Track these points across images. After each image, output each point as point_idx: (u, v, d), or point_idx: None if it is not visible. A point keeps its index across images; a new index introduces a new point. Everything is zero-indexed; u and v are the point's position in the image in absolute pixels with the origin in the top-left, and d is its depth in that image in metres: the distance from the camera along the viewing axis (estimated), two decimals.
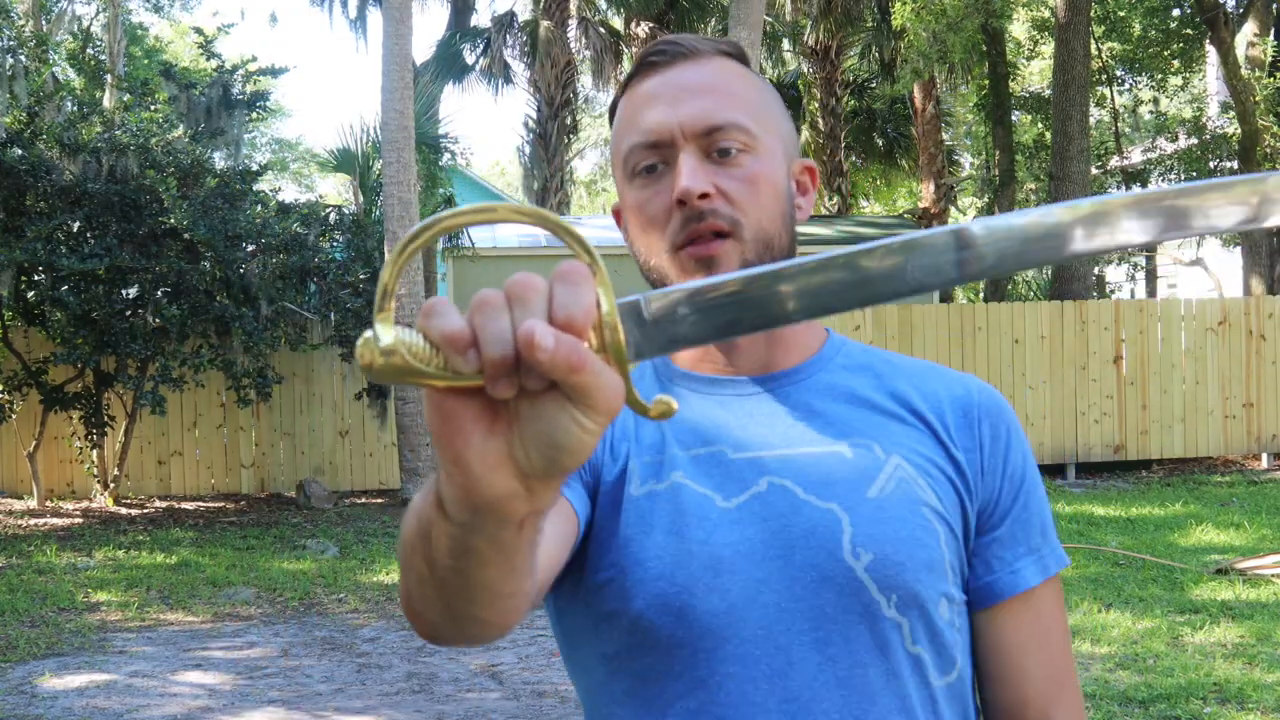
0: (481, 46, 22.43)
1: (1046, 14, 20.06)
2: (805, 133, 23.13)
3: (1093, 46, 18.63)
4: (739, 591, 1.14)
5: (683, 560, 1.14)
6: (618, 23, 23.30)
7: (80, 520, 11.29)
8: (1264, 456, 13.76)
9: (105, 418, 11.67)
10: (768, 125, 1.23)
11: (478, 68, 22.42)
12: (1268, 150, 17.47)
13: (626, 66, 24.03)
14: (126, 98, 12.64)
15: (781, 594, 1.14)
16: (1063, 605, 1.27)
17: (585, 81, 24.76)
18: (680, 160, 1.18)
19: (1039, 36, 21.73)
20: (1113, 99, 22.24)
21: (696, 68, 1.23)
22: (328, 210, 12.69)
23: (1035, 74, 23.50)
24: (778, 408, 1.22)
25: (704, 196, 1.16)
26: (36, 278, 11.36)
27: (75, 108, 12.17)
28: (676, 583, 1.14)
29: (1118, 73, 22.61)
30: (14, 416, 11.92)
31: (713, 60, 1.24)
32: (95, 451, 11.93)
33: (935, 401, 1.25)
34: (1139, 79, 22.84)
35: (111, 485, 12.06)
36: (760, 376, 1.25)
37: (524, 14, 22.94)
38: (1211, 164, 21.28)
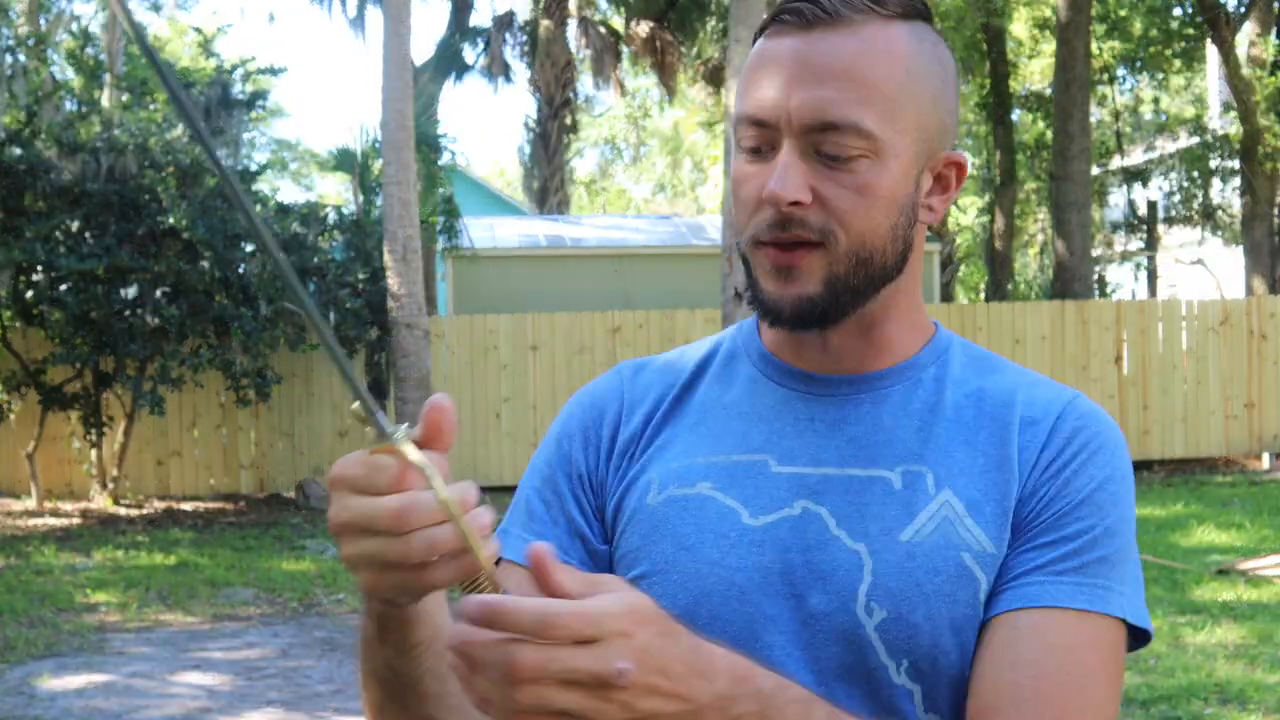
0: (481, 46, 22.43)
1: (1047, 13, 20.06)
2: None
3: (1094, 45, 18.62)
4: (743, 625, 1.03)
5: (688, 580, 1.05)
6: (618, 23, 23.29)
7: (79, 520, 11.27)
8: (1265, 456, 13.74)
9: (104, 418, 11.66)
10: (903, 120, 1.04)
11: (478, 67, 22.42)
12: (1268, 150, 17.46)
13: (627, 66, 24.09)
14: (125, 97, 12.63)
15: (788, 638, 1.03)
16: (1101, 660, 1.01)
17: (585, 81, 24.75)
18: (780, 155, 1.03)
19: (1040, 35, 21.73)
20: (1114, 98, 22.23)
21: (835, 39, 1.03)
22: (327, 210, 12.68)
23: (1036, 73, 23.48)
24: (844, 416, 1.09)
25: (795, 204, 1.02)
26: (35, 278, 11.35)
27: (74, 107, 12.16)
28: (677, 604, 1.03)
29: (1119, 72, 22.60)
30: (13, 416, 11.90)
31: (863, 29, 1.03)
32: (94, 452, 11.91)
33: (1025, 419, 1.07)
34: (1140, 78, 22.84)
35: (110, 485, 12.04)
36: (842, 377, 1.11)
37: (524, 14, 22.93)
38: (1212, 163, 21.26)
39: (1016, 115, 21.47)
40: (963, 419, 1.09)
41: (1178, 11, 20.76)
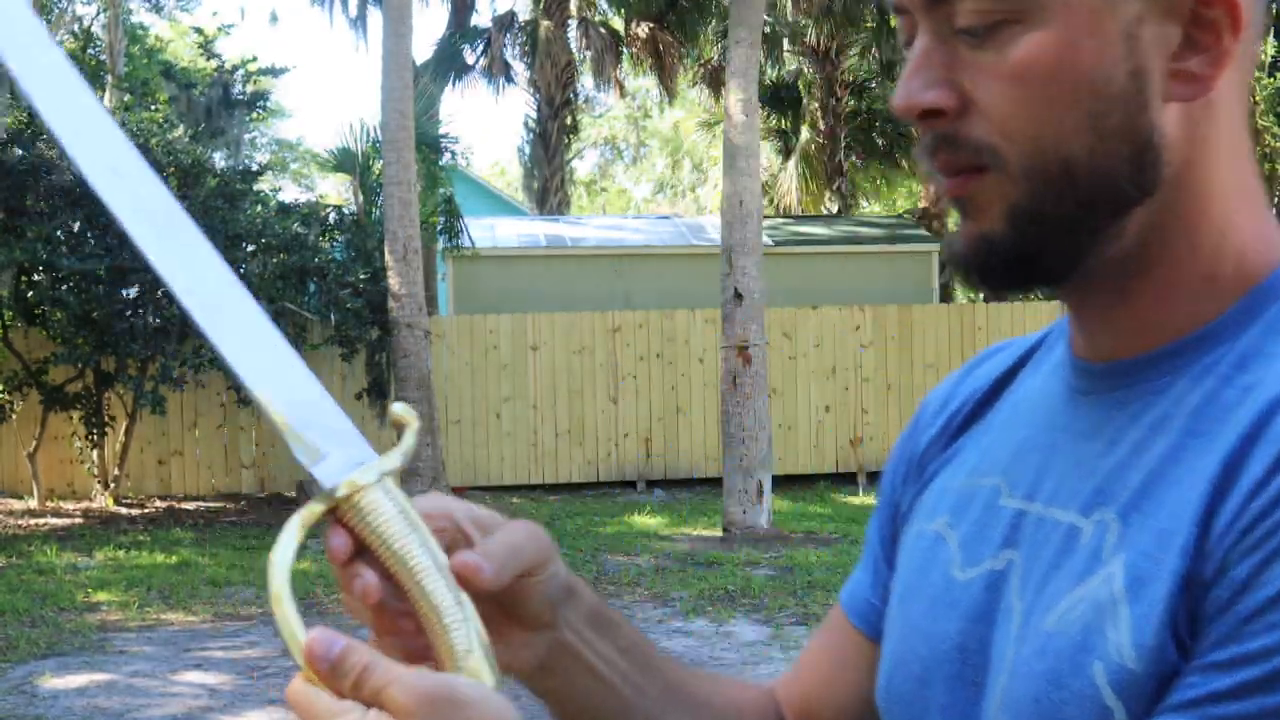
0: (481, 46, 22.44)
1: None
2: (805, 132, 23.15)
3: None
4: (915, 715, 0.82)
5: (893, 646, 0.85)
6: (618, 23, 23.30)
7: (80, 520, 11.29)
8: None
9: (105, 418, 11.68)
10: None
11: (478, 67, 22.43)
12: (1267, 150, 17.47)
13: (627, 67, 24.10)
14: (127, 98, 12.65)
15: None
16: None
17: (585, 81, 24.75)
18: (913, 46, 0.72)
19: None
20: None
21: None
22: (328, 210, 12.70)
23: None
24: (1094, 425, 0.75)
25: (931, 114, 0.71)
26: (37, 278, 11.37)
27: None
28: (883, 676, 0.86)
29: None
30: (14, 416, 11.92)
31: None
32: (95, 451, 11.94)
33: (1248, 434, 0.66)
34: None
35: (112, 485, 12.06)
36: (1104, 365, 0.76)
37: (524, 14, 22.94)
38: None
39: None
40: (1214, 435, 0.68)
41: None
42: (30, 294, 11.52)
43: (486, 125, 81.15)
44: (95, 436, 11.72)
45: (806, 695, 0.98)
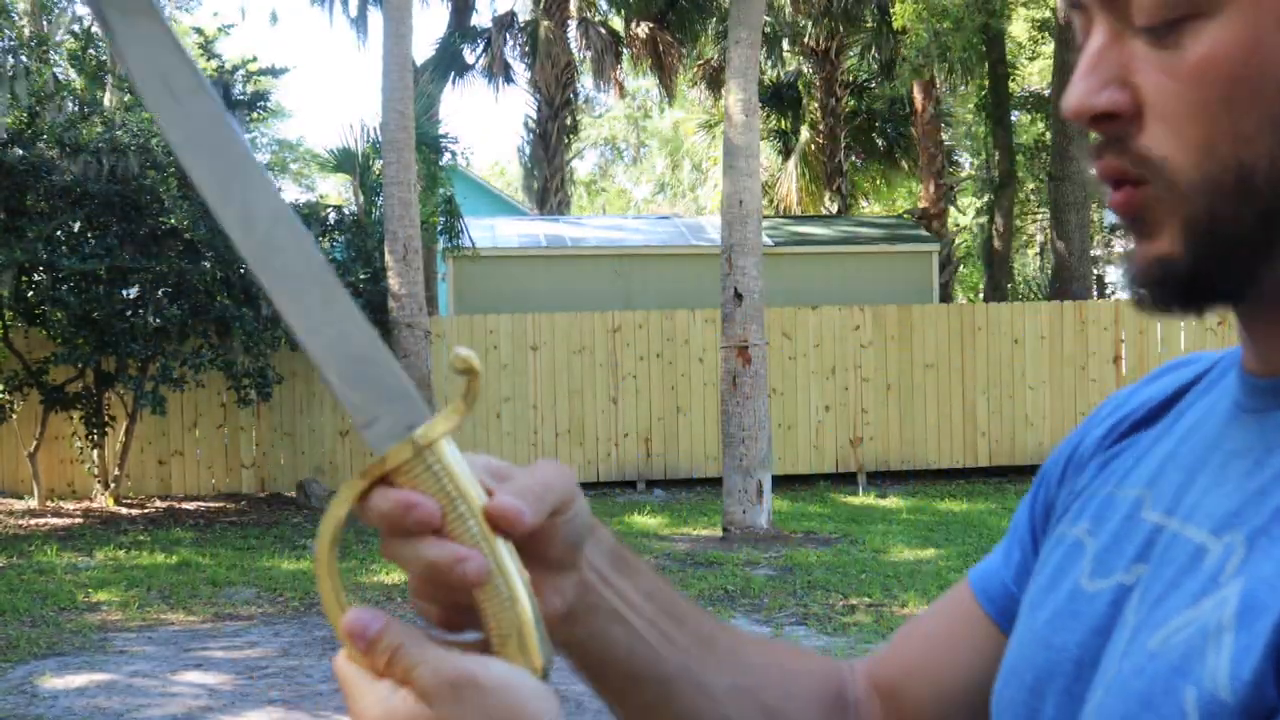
0: (481, 46, 22.45)
1: (1047, 14, 20.08)
2: (805, 132, 23.15)
3: None
4: None
5: (1015, 649, 0.82)
6: (618, 23, 23.31)
7: (81, 520, 11.29)
8: None
9: (106, 418, 11.68)
10: None
11: (478, 67, 22.43)
12: None
13: (627, 67, 24.12)
14: (127, 98, 12.65)
15: None
16: None
17: (585, 81, 24.77)
18: (1087, 44, 0.68)
19: (1039, 36, 21.75)
20: None
21: None
22: (328, 210, 12.70)
23: (1035, 74, 23.50)
24: (1249, 444, 0.72)
25: (1102, 119, 0.66)
26: (37, 278, 11.38)
27: (76, 108, 12.18)
28: (1002, 674, 0.83)
29: None
30: (14, 416, 11.93)
31: None
32: (96, 451, 11.94)
33: None
34: None
35: (112, 485, 12.07)
36: (1270, 382, 0.72)
37: (524, 14, 22.95)
38: None
39: (1016, 116, 21.50)
40: None
41: None
42: (30, 294, 11.52)
43: (486, 125, 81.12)
44: (95, 436, 11.72)
45: (907, 668, 0.94)
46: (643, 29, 22.01)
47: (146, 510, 11.93)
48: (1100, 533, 0.79)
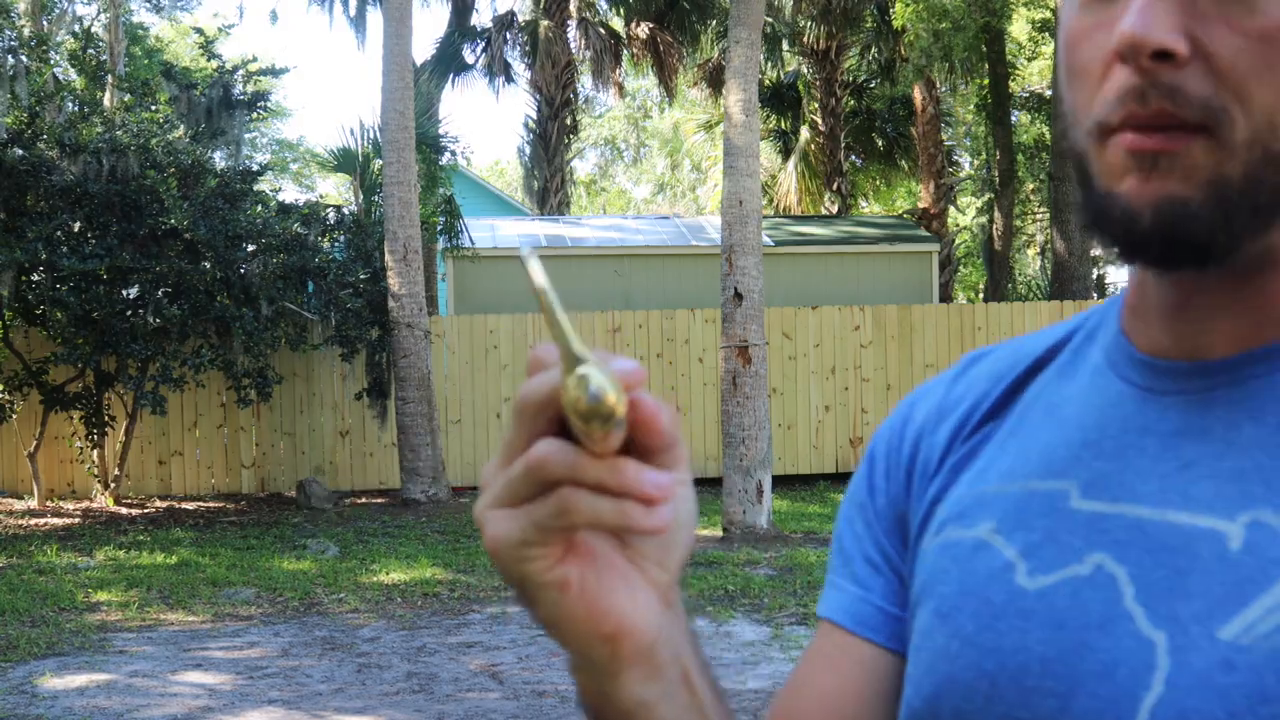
0: (481, 46, 22.45)
1: (1047, 14, 20.08)
2: (805, 132, 23.15)
3: None
4: None
5: (936, 661, 0.78)
6: (618, 23, 23.31)
7: (80, 520, 11.29)
8: None
9: (106, 418, 11.69)
10: None
11: (478, 67, 22.44)
12: None
13: (627, 67, 24.12)
14: (127, 98, 12.65)
15: None
16: None
17: (585, 81, 24.77)
18: None
19: (1039, 37, 21.75)
20: None
21: None
22: (328, 210, 12.70)
23: (1035, 74, 23.50)
24: (1186, 426, 0.73)
25: (1165, 57, 0.65)
26: (37, 278, 11.38)
27: (76, 108, 12.18)
28: (921, 694, 0.78)
29: None
30: (14, 416, 11.93)
31: None
32: (96, 451, 11.94)
33: None
34: None
35: (112, 485, 12.07)
36: (1194, 364, 0.73)
37: (524, 14, 22.95)
38: None
39: (1016, 116, 21.50)
40: None
41: None
42: (30, 294, 11.53)
43: (486, 125, 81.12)
44: (95, 436, 11.73)
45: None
46: (643, 29, 22.01)
47: (146, 510, 11.93)
48: (1019, 530, 0.76)
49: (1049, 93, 20.06)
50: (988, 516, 0.79)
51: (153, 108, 12.39)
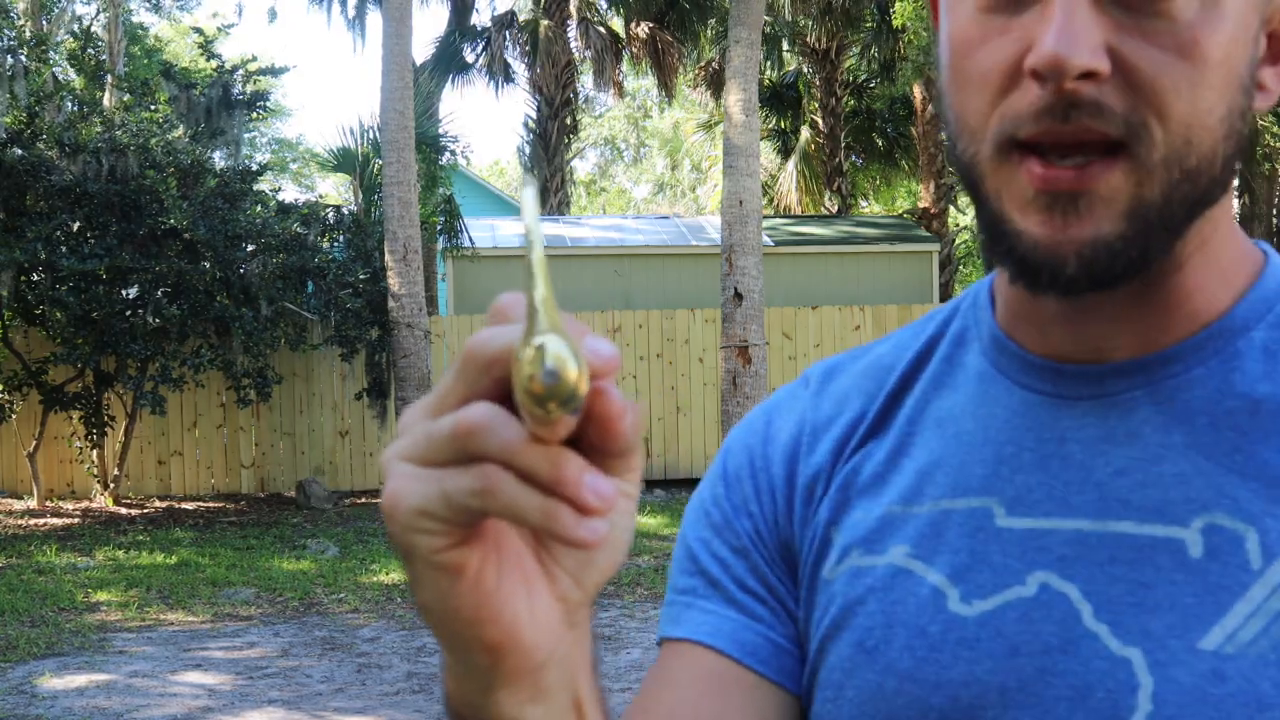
0: (481, 46, 22.45)
1: None
2: (805, 132, 23.15)
3: None
4: None
5: (869, 700, 0.72)
6: (618, 23, 23.31)
7: (80, 520, 11.29)
8: None
9: (105, 418, 11.68)
10: None
11: (478, 67, 22.44)
12: (1267, 149, 17.48)
13: (626, 68, 24.13)
14: (126, 98, 12.65)
15: None
16: None
17: (585, 81, 24.77)
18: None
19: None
20: None
21: None
22: (328, 210, 12.70)
23: None
24: (1110, 431, 0.70)
25: (1090, 76, 0.62)
26: (36, 278, 11.38)
27: (75, 108, 12.18)
28: None
29: None
30: (14, 416, 11.93)
31: None
32: (95, 451, 11.94)
33: None
34: None
35: (111, 485, 12.06)
36: (1107, 366, 0.71)
37: (524, 14, 22.95)
38: None
39: None
40: None
41: None
42: (30, 294, 11.52)
43: (486, 125, 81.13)
44: (95, 436, 11.72)
45: None
46: (643, 29, 22.01)
47: (146, 510, 11.92)
48: (940, 553, 0.72)
49: None
50: (898, 540, 0.74)
51: (152, 108, 12.39)
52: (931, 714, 0.70)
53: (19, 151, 10.97)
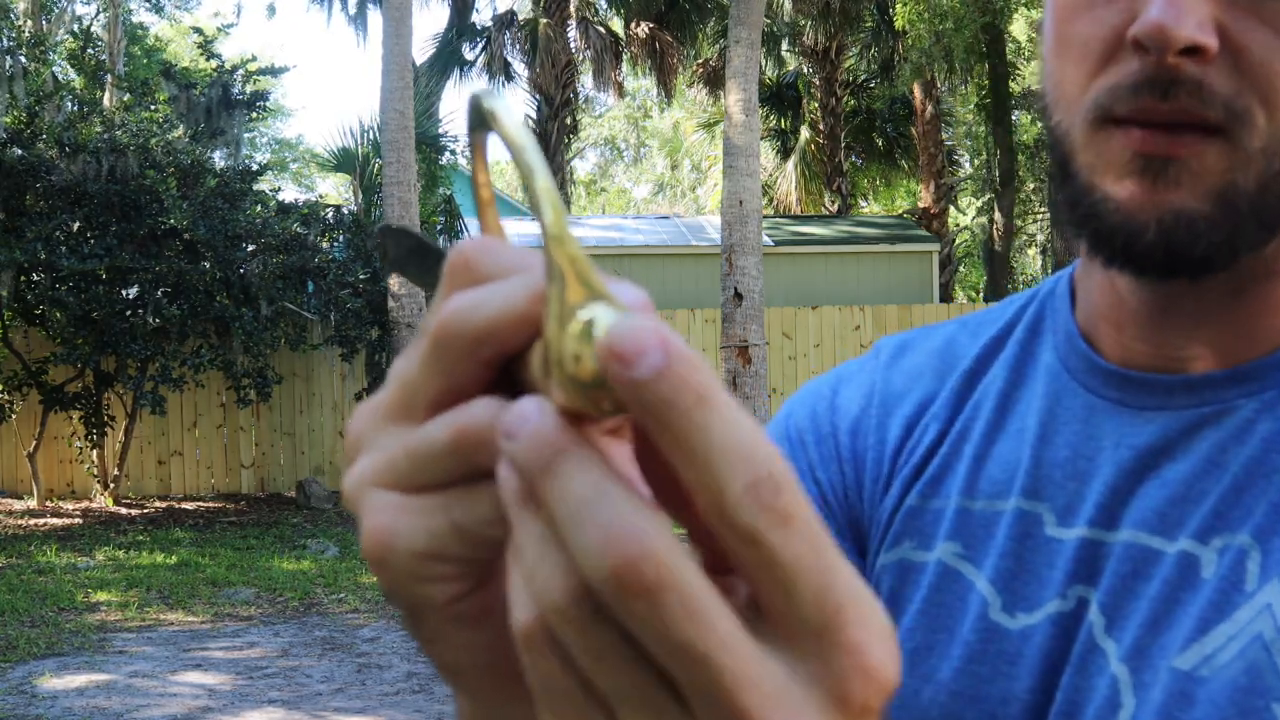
0: (481, 45, 22.46)
1: None
2: (805, 132, 23.15)
3: None
4: None
5: (904, 708, 0.70)
6: (617, 23, 23.32)
7: (80, 520, 11.29)
8: None
9: (105, 418, 11.68)
10: None
11: (478, 66, 22.44)
12: None
13: (626, 68, 24.13)
14: (126, 98, 12.65)
15: None
16: None
17: (585, 81, 24.76)
18: None
19: (1039, 37, 21.75)
20: None
21: None
22: (327, 210, 12.70)
23: (1035, 74, 23.48)
24: (1168, 445, 0.67)
25: (1194, 52, 0.59)
26: (36, 278, 11.37)
27: (75, 108, 12.18)
28: None
29: None
30: (14, 416, 11.92)
31: None
32: (95, 451, 11.94)
33: None
34: None
35: (111, 485, 12.06)
36: (1178, 378, 0.68)
37: (524, 13, 22.95)
38: None
39: (1016, 116, 21.49)
40: None
41: None
42: (30, 294, 11.52)
43: None
44: (95, 436, 11.72)
45: None
46: (642, 29, 22.01)
47: (146, 510, 11.92)
48: (987, 556, 0.70)
49: None
50: (949, 537, 0.71)
51: (152, 107, 12.39)
52: None
53: (19, 151, 10.96)
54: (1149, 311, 0.67)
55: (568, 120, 22.73)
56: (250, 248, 11.39)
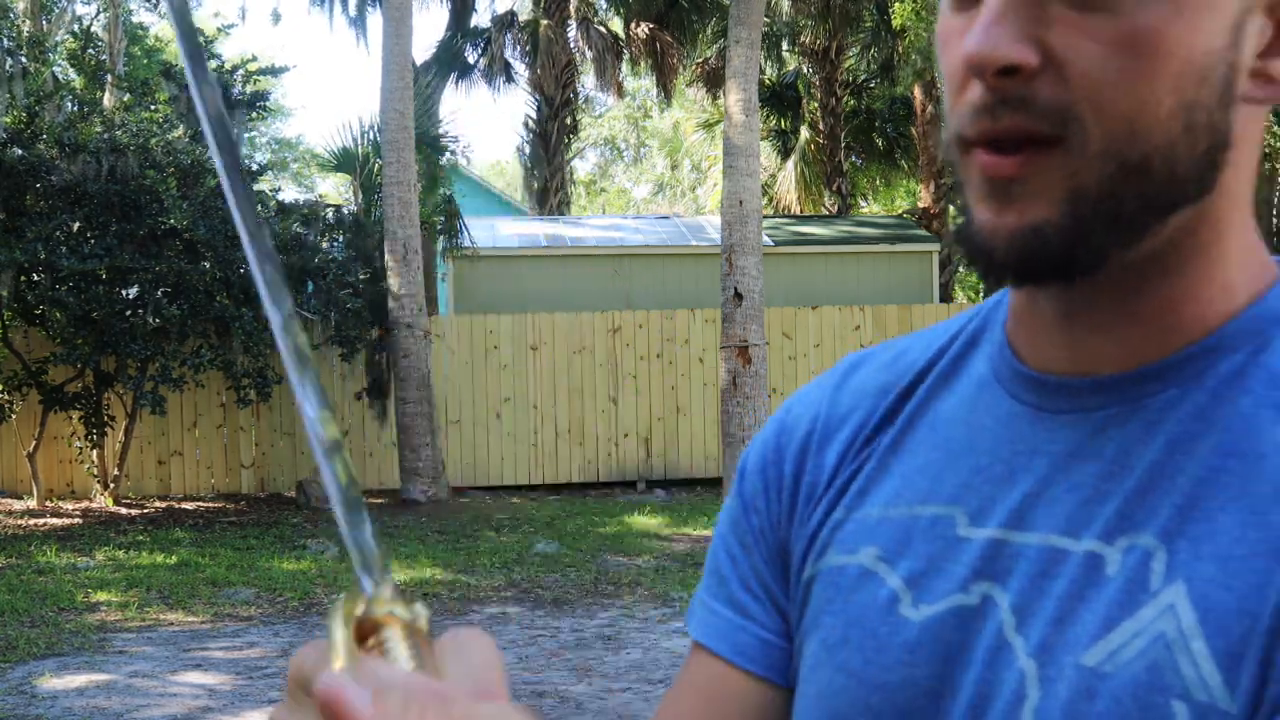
0: (482, 46, 22.46)
1: None
2: (805, 132, 23.15)
3: None
4: None
5: (823, 697, 0.75)
6: (617, 24, 23.32)
7: (80, 520, 11.29)
8: None
9: (105, 418, 11.68)
10: None
11: (478, 67, 22.44)
12: (1267, 150, 17.48)
13: (626, 68, 24.14)
14: (126, 98, 12.65)
15: None
16: None
17: (585, 81, 24.77)
18: None
19: None
20: None
21: None
22: (327, 210, 12.71)
23: None
24: (1079, 447, 0.69)
25: (1014, 71, 0.62)
26: (36, 278, 11.38)
27: (75, 108, 12.18)
28: None
29: None
30: (14, 416, 11.92)
31: None
32: (95, 451, 11.94)
33: None
34: None
35: (111, 485, 12.06)
36: (1088, 380, 0.70)
37: (524, 14, 22.95)
38: None
39: None
40: (1258, 455, 0.63)
41: None
42: (30, 294, 11.52)
43: (486, 125, 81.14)
44: (95, 436, 11.72)
45: None
46: (643, 29, 22.00)
47: (146, 510, 11.92)
48: (903, 557, 0.73)
49: None
50: (870, 542, 0.76)
51: (152, 107, 12.39)
52: (869, 714, 0.72)
53: (19, 151, 10.97)
54: (1054, 316, 0.70)
55: (568, 120, 22.73)
56: None
